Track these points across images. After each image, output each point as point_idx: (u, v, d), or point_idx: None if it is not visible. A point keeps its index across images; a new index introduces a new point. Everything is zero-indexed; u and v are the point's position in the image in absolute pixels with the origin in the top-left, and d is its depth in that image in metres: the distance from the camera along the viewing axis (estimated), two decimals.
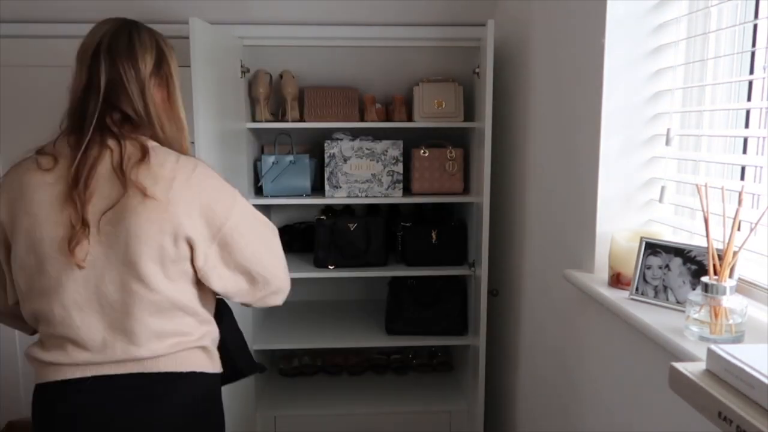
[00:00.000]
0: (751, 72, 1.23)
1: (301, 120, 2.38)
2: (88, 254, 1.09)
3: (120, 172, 1.09)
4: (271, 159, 2.33)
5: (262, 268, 1.22)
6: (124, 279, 1.10)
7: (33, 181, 1.11)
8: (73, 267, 1.09)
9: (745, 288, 1.15)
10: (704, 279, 1.03)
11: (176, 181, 1.11)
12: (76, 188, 1.08)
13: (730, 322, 0.99)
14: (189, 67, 1.80)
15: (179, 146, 1.21)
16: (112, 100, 1.14)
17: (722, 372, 0.78)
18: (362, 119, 2.39)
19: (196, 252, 1.13)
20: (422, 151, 2.37)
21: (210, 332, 1.24)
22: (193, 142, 1.83)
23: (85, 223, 1.08)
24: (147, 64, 1.17)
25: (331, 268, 2.40)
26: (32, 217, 1.10)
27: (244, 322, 2.28)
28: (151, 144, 1.15)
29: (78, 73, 1.16)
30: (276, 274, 1.25)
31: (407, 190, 2.43)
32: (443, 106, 2.35)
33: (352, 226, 2.41)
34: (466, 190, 2.43)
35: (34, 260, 1.11)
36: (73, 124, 1.15)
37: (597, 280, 1.41)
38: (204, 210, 1.13)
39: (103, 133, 1.12)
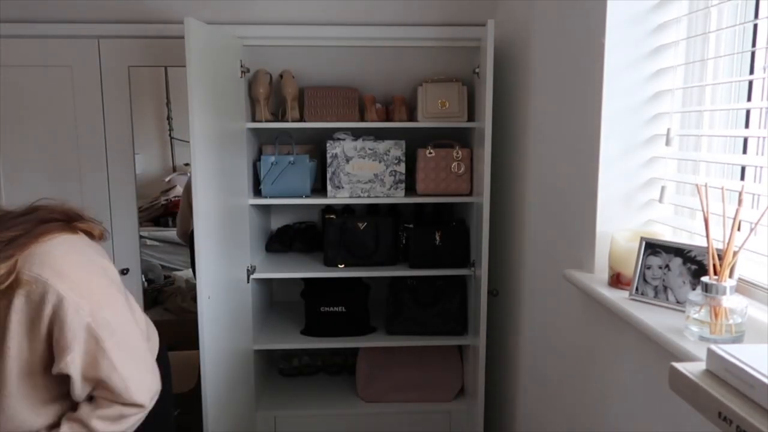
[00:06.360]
0: (751, 72, 1.23)
1: (301, 120, 2.38)
2: None
3: None
4: (271, 160, 2.33)
5: None
6: None
7: None
8: None
9: (745, 288, 1.15)
10: (704, 279, 1.02)
11: None
12: None
13: (730, 322, 0.99)
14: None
15: None
16: None
17: (722, 372, 0.78)
18: (362, 119, 2.39)
19: None
20: (428, 152, 2.37)
21: None
22: (189, 142, 1.84)
23: None
24: None
25: (341, 267, 2.40)
26: None
27: (244, 321, 2.29)
28: None
29: None
30: None
31: (409, 190, 2.42)
32: (447, 106, 2.34)
33: (362, 226, 2.40)
34: (471, 191, 2.41)
35: None
36: None
37: (597, 280, 1.41)
38: None
39: None
